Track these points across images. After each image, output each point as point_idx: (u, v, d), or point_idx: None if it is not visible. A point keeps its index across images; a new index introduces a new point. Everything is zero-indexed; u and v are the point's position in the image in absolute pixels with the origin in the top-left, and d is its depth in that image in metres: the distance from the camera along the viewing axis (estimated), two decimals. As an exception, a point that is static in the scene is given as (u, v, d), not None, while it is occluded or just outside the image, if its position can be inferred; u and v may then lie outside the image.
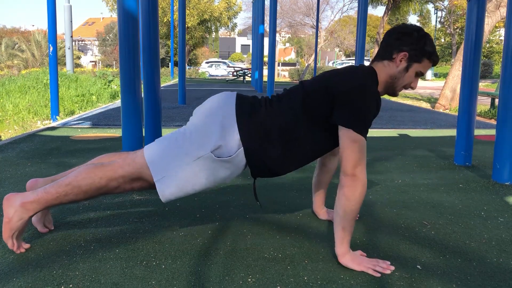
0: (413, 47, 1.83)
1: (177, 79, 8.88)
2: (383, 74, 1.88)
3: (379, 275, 1.73)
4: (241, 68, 21.02)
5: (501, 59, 3.47)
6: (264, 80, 15.15)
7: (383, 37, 1.94)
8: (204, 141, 1.78)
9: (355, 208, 1.75)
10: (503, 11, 10.74)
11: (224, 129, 1.79)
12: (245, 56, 52.69)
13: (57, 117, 6.59)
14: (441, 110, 10.64)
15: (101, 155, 2.10)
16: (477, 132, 5.68)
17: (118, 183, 1.82)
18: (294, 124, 1.83)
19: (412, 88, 1.92)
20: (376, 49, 19.22)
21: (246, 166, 1.87)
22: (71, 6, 17.34)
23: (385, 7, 18.77)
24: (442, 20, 35.15)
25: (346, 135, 1.75)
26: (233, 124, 1.80)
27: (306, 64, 28.49)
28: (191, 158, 1.78)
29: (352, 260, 1.78)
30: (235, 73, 19.60)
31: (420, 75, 1.89)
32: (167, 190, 1.80)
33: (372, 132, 5.59)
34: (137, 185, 1.86)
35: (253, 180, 1.97)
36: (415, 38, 1.84)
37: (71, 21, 17.44)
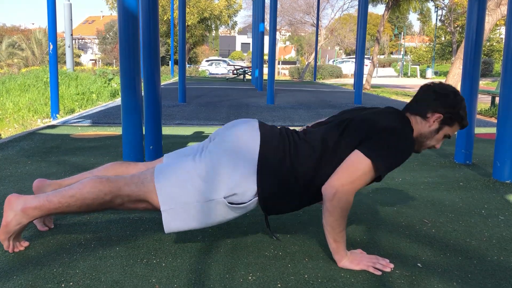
0: (449, 110, 1.81)
1: (177, 78, 8.87)
2: (414, 129, 1.85)
3: (379, 273, 1.73)
4: (241, 66, 21.01)
5: (501, 58, 3.47)
6: (264, 78, 15.15)
7: (418, 90, 1.91)
8: (220, 185, 1.73)
9: (340, 222, 1.71)
10: (504, 9, 10.72)
11: (243, 177, 1.73)
12: (245, 54, 52.65)
13: (57, 115, 6.58)
14: (441, 109, 10.64)
15: (107, 164, 2.07)
16: (478, 130, 5.67)
17: (122, 200, 1.78)
18: (319, 173, 1.77)
19: (435, 148, 1.92)
20: (376, 47, 19.17)
21: None
22: (71, 4, 17.32)
23: (385, 5, 18.73)
24: (442, 18, 35.09)
25: (358, 158, 1.70)
26: (253, 175, 1.74)
27: (306, 63, 28.46)
28: (203, 199, 1.74)
29: (351, 261, 1.78)
30: (235, 71, 19.57)
31: (447, 137, 1.89)
32: (173, 223, 1.76)
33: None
34: (141, 206, 1.82)
35: (265, 215, 1.92)
36: (452, 101, 1.82)
37: (71, 19, 17.42)
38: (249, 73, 18.22)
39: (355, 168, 1.70)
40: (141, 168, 2.03)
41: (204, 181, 1.73)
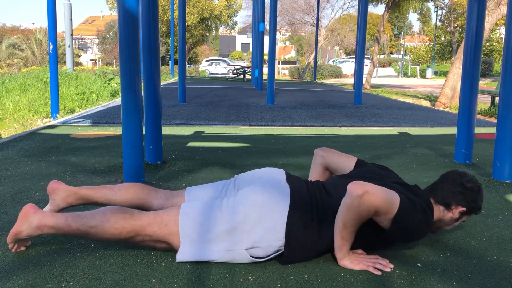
0: (472, 204, 1.88)
1: (177, 77, 8.86)
2: (434, 216, 1.89)
3: (379, 273, 1.74)
4: (241, 66, 21.01)
5: (501, 57, 3.48)
6: (264, 78, 15.15)
7: (446, 178, 1.94)
8: (244, 237, 1.74)
9: (354, 223, 1.70)
10: (504, 9, 10.72)
11: (269, 233, 1.74)
12: (245, 54, 52.65)
13: (57, 115, 6.59)
14: (441, 108, 10.63)
15: (128, 184, 2.07)
16: (478, 130, 5.67)
17: (143, 239, 1.79)
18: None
19: (449, 230, 2.02)
20: (376, 47, 19.16)
21: None
22: (71, 4, 17.31)
23: (385, 5, 18.73)
24: (442, 18, 35.08)
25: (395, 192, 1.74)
26: (280, 233, 1.74)
27: (306, 63, 28.46)
28: (224, 248, 1.75)
29: (351, 261, 1.78)
30: (235, 71, 19.57)
31: (462, 222, 1.96)
32: (186, 257, 1.77)
33: (373, 130, 5.59)
34: (160, 246, 1.83)
35: None
36: (476, 196, 1.88)
37: (71, 19, 17.41)
38: (249, 73, 18.23)
39: (387, 190, 1.70)
40: (161, 197, 2.05)
41: (229, 233, 1.74)
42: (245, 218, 1.75)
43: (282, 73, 33.62)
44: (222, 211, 1.79)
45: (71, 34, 17.79)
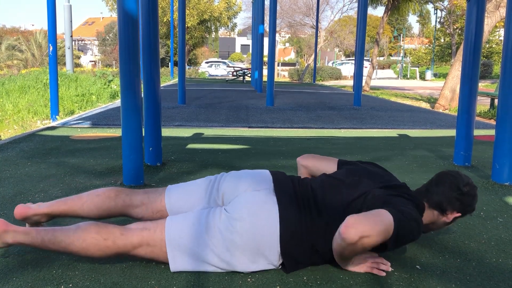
0: (467, 208, 1.86)
1: (177, 79, 8.87)
2: (427, 219, 1.86)
3: (383, 274, 1.74)
4: (241, 68, 21.01)
5: (500, 60, 3.47)
6: (264, 80, 15.17)
7: (441, 180, 1.88)
8: (236, 263, 1.70)
9: (353, 255, 1.67)
10: (503, 11, 10.74)
11: (263, 255, 1.71)
12: (244, 56, 52.67)
13: (57, 116, 6.59)
14: (440, 110, 10.64)
15: (100, 196, 1.95)
16: (477, 132, 5.67)
17: (129, 255, 1.74)
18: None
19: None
20: (376, 49, 19.18)
21: None
22: (71, 5, 17.32)
23: (384, 7, 18.73)
24: (441, 20, 35.11)
25: (386, 213, 1.61)
26: (273, 255, 1.71)
27: (306, 64, 28.47)
28: (217, 269, 1.72)
29: (355, 266, 1.76)
30: (234, 73, 19.57)
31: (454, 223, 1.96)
32: (179, 268, 1.73)
33: (372, 132, 5.59)
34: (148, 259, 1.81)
35: None
36: (472, 200, 1.86)
37: (71, 21, 17.41)
38: (249, 75, 18.23)
39: (380, 219, 1.59)
40: (137, 205, 1.94)
41: (220, 260, 1.70)
42: (236, 247, 1.68)
43: (282, 75, 33.63)
44: (209, 233, 1.70)
45: (71, 36, 17.81)
